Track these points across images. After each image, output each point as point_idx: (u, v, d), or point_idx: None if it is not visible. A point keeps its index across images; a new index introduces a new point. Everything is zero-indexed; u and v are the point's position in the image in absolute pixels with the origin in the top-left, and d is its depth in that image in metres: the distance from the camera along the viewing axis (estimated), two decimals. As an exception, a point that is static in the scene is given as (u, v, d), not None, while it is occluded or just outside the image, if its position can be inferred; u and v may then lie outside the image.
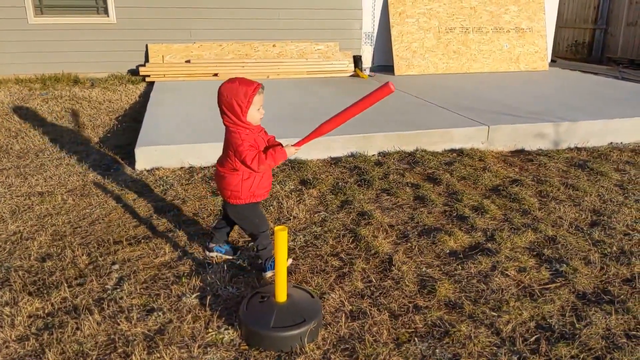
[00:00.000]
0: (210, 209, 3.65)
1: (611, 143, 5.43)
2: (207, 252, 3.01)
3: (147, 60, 7.99)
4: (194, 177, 4.20)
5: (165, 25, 7.85)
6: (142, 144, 4.43)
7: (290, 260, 2.87)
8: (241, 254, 3.07)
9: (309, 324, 2.33)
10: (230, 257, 3.01)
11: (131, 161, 4.46)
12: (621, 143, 5.44)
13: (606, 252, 3.18)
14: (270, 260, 2.82)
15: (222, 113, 2.54)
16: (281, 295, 2.42)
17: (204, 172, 4.30)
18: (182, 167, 4.41)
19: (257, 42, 7.90)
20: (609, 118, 5.56)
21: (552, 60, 11.60)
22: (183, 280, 2.79)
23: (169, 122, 5.18)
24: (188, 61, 7.72)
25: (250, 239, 3.04)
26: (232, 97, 2.46)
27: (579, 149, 5.23)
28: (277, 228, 2.28)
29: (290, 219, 3.52)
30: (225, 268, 2.91)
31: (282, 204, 3.72)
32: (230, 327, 2.43)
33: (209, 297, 2.63)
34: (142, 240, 3.19)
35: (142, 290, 2.71)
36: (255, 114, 2.54)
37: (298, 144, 2.70)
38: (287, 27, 7.91)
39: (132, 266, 2.92)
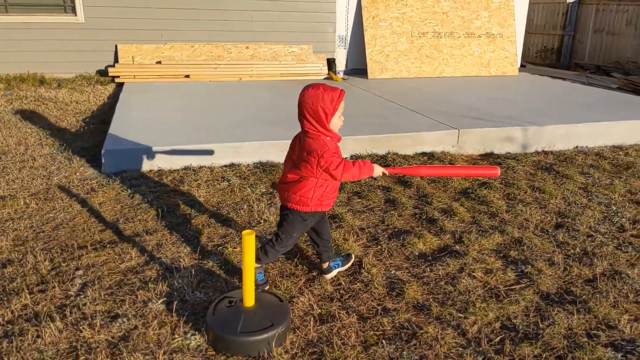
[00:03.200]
0: (179, 213, 3.60)
1: (577, 147, 5.57)
2: (326, 275, 2.89)
3: (116, 60, 7.85)
4: (164, 180, 4.14)
5: (135, 25, 7.73)
6: (109, 146, 4.35)
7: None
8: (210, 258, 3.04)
9: (276, 329, 2.32)
10: (348, 266, 2.96)
11: (98, 164, 4.37)
12: (586, 147, 5.58)
13: (570, 253, 3.26)
14: (260, 270, 2.77)
15: (304, 119, 2.43)
16: (249, 300, 2.40)
17: (174, 175, 4.24)
18: (151, 170, 4.34)
19: (230, 44, 7.84)
20: (575, 123, 5.70)
21: (522, 65, 11.85)
22: (149, 285, 2.74)
23: (138, 124, 5.10)
24: (159, 62, 7.61)
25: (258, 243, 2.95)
26: (317, 103, 2.37)
27: (545, 153, 5.35)
28: (244, 232, 2.26)
29: (260, 222, 3.50)
30: (193, 273, 2.87)
31: (252, 207, 3.70)
32: (197, 333, 2.40)
33: (175, 303, 2.59)
34: (108, 245, 3.13)
35: (106, 296, 2.65)
36: (337, 121, 2.46)
37: (389, 169, 2.64)
38: (261, 29, 7.89)
39: (96, 272, 2.86)
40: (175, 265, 2.95)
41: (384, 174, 2.59)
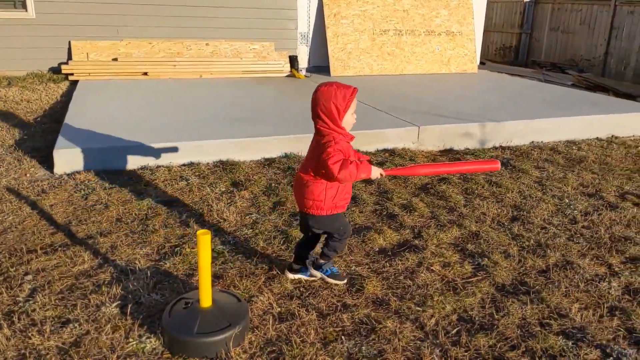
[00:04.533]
0: (136, 214, 3.51)
1: (532, 142, 5.73)
2: (313, 270, 2.82)
3: (70, 57, 7.60)
4: (119, 181, 4.02)
5: (90, 21, 7.49)
6: (61, 146, 4.20)
7: None
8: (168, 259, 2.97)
9: (234, 329, 2.29)
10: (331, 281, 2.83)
11: (50, 165, 4.21)
12: (541, 142, 5.75)
13: (524, 245, 3.35)
14: (329, 265, 2.76)
15: (317, 117, 2.41)
16: (206, 300, 2.36)
17: (130, 175, 4.13)
18: (106, 170, 4.21)
19: (189, 41, 7.70)
20: (531, 119, 5.86)
21: (482, 63, 12.11)
22: (103, 289, 2.66)
23: (93, 123, 4.94)
24: (115, 59, 7.41)
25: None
26: (330, 99, 2.35)
27: (503, 148, 5.48)
28: (199, 232, 2.22)
29: (220, 222, 3.45)
30: (149, 274, 2.80)
31: (212, 206, 3.64)
32: (152, 336, 2.34)
33: (130, 306, 2.52)
34: (59, 249, 3.02)
35: (57, 301, 2.56)
36: (349, 119, 2.44)
37: (387, 170, 2.62)
38: (221, 25, 7.77)
39: (47, 276, 2.75)
40: (130, 267, 2.87)
41: (381, 175, 2.56)
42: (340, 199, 2.55)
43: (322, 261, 2.78)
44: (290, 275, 2.85)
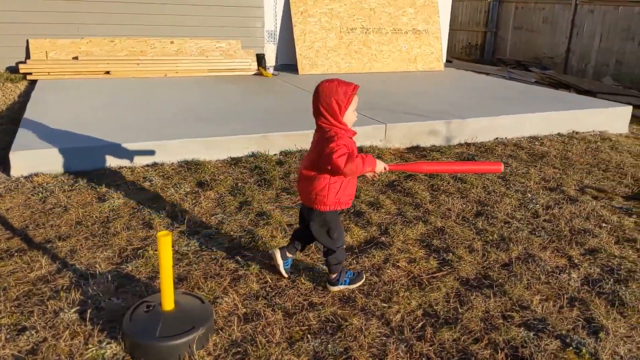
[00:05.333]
0: (96, 216, 3.42)
1: (497, 138, 5.83)
2: (332, 287, 2.76)
3: (28, 56, 7.34)
4: (79, 183, 3.91)
5: (49, 18, 7.24)
6: (18, 147, 4.05)
7: None
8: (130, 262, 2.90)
9: (198, 331, 2.26)
10: (284, 275, 2.82)
11: (6, 167, 4.06)
12: (505, 138, 5.86)
13: (488, 239, 3.40)
14: (344, 275, 2.73)
15: (318, 114, 2.42)
16: (168, 303, 2.31)
17: (91, 177, 4.02)
18: (65, 172, 4.09)
19: (153, 39, 7.54)
20: (494, 115, 5.96)
21: (449, 61, 12.28)
22: (61, 294, 2.58)
23: (52, 124, 4.79)
24: (76, 58, 7.20)
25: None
26: (331, 95, 2.36)
27: (468, 145, 5.56)
28: (159, 234, 2.18)
29: (184, 223, 3.39)
30: (110, 278, 2.73)
31: (175, 207, 3.58)
32: (113, 341, 2.28)
33: (89, 311, 2.45)
34: (15, 254, 2.92)
35: (13, 308, 2.47)
36: (351, 115, 2.45)
37: (391, 165, 2.63)
38: (186, 23, 7.64)
39: (2, 282, 2.65)
40: (90, 271, 2.80)
41: (385, 169, 2.57)
42: (343, 194, 2.55)
43: (334, 275, 2.73)
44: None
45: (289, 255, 2.82)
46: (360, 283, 2.78)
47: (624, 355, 2.34)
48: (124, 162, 4.28)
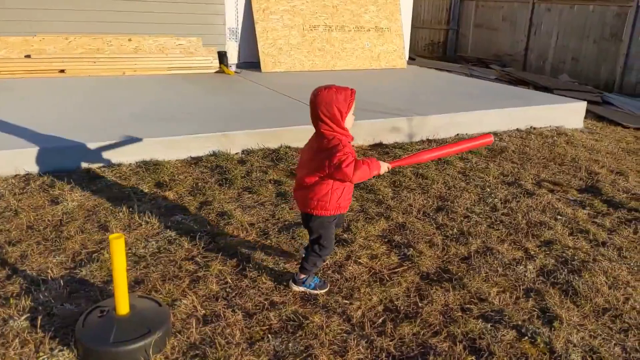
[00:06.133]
0: (49, 220, 3.30)
1: (457, 134, 5.93)
2: (295, 286, 2.74)
3: (-23, 55, 7.02)
4: (30, 186, 3.76)
5: (-2, 15, 6.94)
6: (-35, 150, 3.88)
7: None
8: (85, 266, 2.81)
9: (154, 335, 2.21)
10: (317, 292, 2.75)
11: (-48, 170, 3.88)
12: (466, 134, 5.96)
13: (448, 234, 3.45)
14: (311, 280, 2.71)
15: (320, 121, 2.42)
16: (123, 308, 2.25)
17: (44, 179, 3.88)
18: (16, 175, 3.93)
19: (110, 36, 7.33)
20: (455, 112, 6.06)
21: (412, 59, 12.42)
22: (11, 301, 2.48)
23: (2, 125, 4.59)
24: (28, 56, 6.91)
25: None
26: (332, 103, 2.38)
27: (430, 141, 5.63)
28: (111, 236, 2.11)
29: (141, 225, 3.30)
30: (63, 284, 2.64)
31: (133, 209, 3.48)
32: (65, 348, 2.21)
33: (40, 318, 2.37)
34: (-40, 261, 2.78)
35: (-43, 318, 2.35)
36: (350, 119, 2.47)
37: (393, 163, 2.65)
38: (145, 20, 7.44)
39: (-55, 291, 2.53)
40: (42, 277, 2.70)
41: (388, 168, 2.60)
42: (344, 199, 2.58)
43: (302, 276, 2.71)
44: (297, 288, 2.75)
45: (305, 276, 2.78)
46: (323, 292, 2.73)
47: (577, 343, 2.41)
48: (79, 164, 4.15)
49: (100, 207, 3.51)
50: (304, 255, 2.75)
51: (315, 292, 2.72)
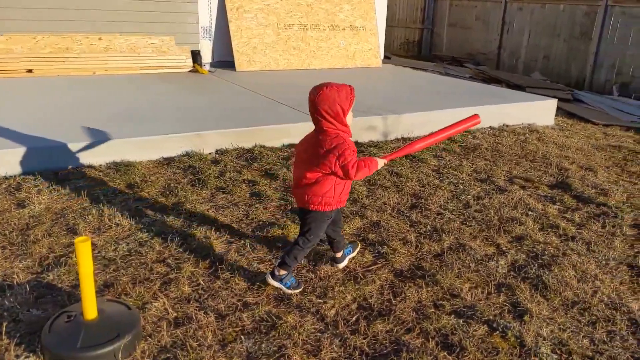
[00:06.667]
0: (15, 224, 3.20)
1: (432, 132, 5.96)
2: (340, 264, 2.95)
3: (-59, 55, 6.79)
4: (-4, 188, 3.67)
5: (-39, 14, 6.72)
6: None
7: None
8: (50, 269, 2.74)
9: (123, 339, 2.16)
10: (357, 251, 3.06)
11: None
12: (440, 131, 6.01)
13: (422, 231, 3.48)
14: (289, 278, 2.71)
15: (322, 118, 2.47)
16: (90, 312, 2.20)
17: (9, 182, 3.77)
18: (-20, 178, 3.82)
19: (79, 35, 7.16)
20: (429, 110, 6.11)
21: (387, 57, 12.49)
22: (-27, 308, 2.40)
23: (-32, 126, 4.46)
24: (-5, 56, 6.74)
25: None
26: (335, 101, 2.44)
27: (404, 139, 5.67)
28: (77, 240, 2.06)
29: (111, 227, 3.24)
30: (29, 289, 2.57)
31: (102, 211, 3.41)
32: (31, 355, 2.16)
33: (5, 324, 2.30)
34: None
35: None
36: (350, 116, 2.54)
37: (387, 157, 2.74)
38: (115, 18, 7.30)
39: None
40: (7, 282, 2.62)
41: (384, 163, 2.70)
42: (344, 194, 2.66)
43: (283, 272, 2.68)
44: (342, 264, 2.96)
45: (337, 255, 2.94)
46: (296, 292, 2.72)
47: (547, 336, 2.45)
48: (48, 165, 4.05)
49: (69, 210, 3.43)
50: (286, 249, 2.75)
51: (290, 291, 2.70)
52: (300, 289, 2.74)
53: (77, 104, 5.56)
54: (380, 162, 2.65)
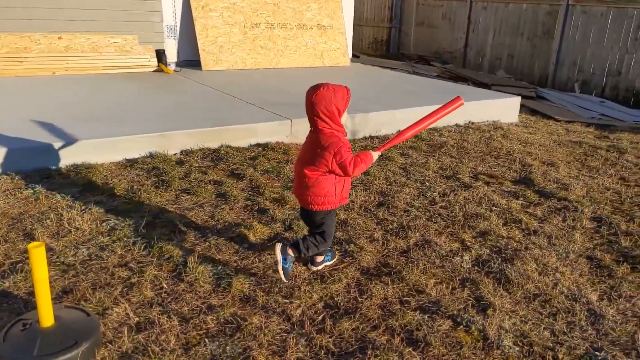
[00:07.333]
0: (-31, 229, 3.08)
1: (399, 130, 5.98)
2: (313, 266, 2.94)
3: None
4: (-53, 193, 3.52)
5: None
6: None
7: None
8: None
9: (81, 346, 2.10)
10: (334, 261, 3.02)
11: None
12: (407, 129, 6.07)
13: (388, 228, 3.49)
14: (288, 261, 2.74)
15: (318, 118, 2.56)
16: (47, 319, 2.13)
17: (-37, 186, 3.63)
18: None
19: (38, 34, 6.93)
20: (397, 109, 6.15)
21: (356, 56, 12.55)
22: None
23: None
24: (-52, 56, 6.48)
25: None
26: (331, 101, 2.52)
27: (372, 138, 5.69)
28: (30, 245, 2.00)
29: (71, 232, 3.14)
30: (-18, 297, 2.47)
31: (62, 216, 3.31)
32: (-17, 367, 2.06)
33: (-45, 336, 2.20)
34: None
35: None
36: (345, 116, 2.64)
37: (379, 149, 2.81)
38: (76, 17, 7.09)
39: None
40: None
41: (378, 156, 2.80)
42: (345, 191, 2.73)
43: (291, 253, 2.74)
44: (316, 267, 2.94)
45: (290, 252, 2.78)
46: (284, 280, 2.76)
47: (509, 329, 2.50)
48: (3, 169, 3.90)
49: (26, 215, 3.31)
50: (303, 237, 2.81)
51: (281, 271, 2.73)
52: (286, 281, 2.77)
53: (35, 105, 5.39)
54: (375, 155, 2.74)
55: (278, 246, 2.72)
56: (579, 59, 9.76)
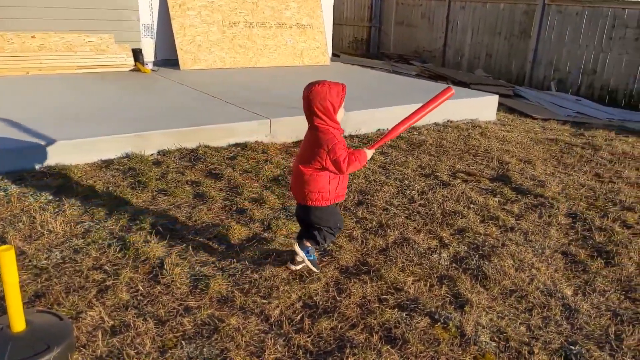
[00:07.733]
0: None
1: (379, 129, 6.04)
2: (292, 265, 2.91)
3: None
4: None
5: None
6: None
7: None
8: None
9: (53, 351, 2.05)
10: (313, 268, 2.91)
11: None
12: (387, 129, 6.09)
13: (367, 227, 3.50)
14: (313, 252, 2.84)
15: (314, 115, 2.57)
16: (18, 324, 2.08)
17: None
18: None
19: (10, 33, 6.78)
20: (376, 107, 6.17)
21: (336, 55, 12.55)
22: None
23: None
24: None
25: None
26: (326, 98, 2.53)
27: (352, 137, 5.70)
28: (0, 249, 1.94)
29: (44, 235, 3.08)
30: (-50, 303, 2.40)
31: (34, 218, 3.24)
32: (-49, 375, 2.00)
33: None
34: None
35: None
36: (341, 113, 2.64)
37: (372, 147, 2.82)
38: (49, 16, 6.95)
39: None
40: None
41: (372, 154, 2.81)
42: (341, 188, 2.75)
43: (308, 245, 2.81)
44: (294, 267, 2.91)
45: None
46: (315, 270, 2.86)
47: (486, 325, 2.52)
48: (-26, 171, 3.81)
49: (-3, 218, 3.23)
50: (321, 236, 2.83)
51: (311, 266, 2.82)
52: (318, 271, 2.85)
53: (8, 105, 5.26)
54: (369, 153, 2.76)
55: (296, 245, 2.80)
56: (555, 57, 9.92)
